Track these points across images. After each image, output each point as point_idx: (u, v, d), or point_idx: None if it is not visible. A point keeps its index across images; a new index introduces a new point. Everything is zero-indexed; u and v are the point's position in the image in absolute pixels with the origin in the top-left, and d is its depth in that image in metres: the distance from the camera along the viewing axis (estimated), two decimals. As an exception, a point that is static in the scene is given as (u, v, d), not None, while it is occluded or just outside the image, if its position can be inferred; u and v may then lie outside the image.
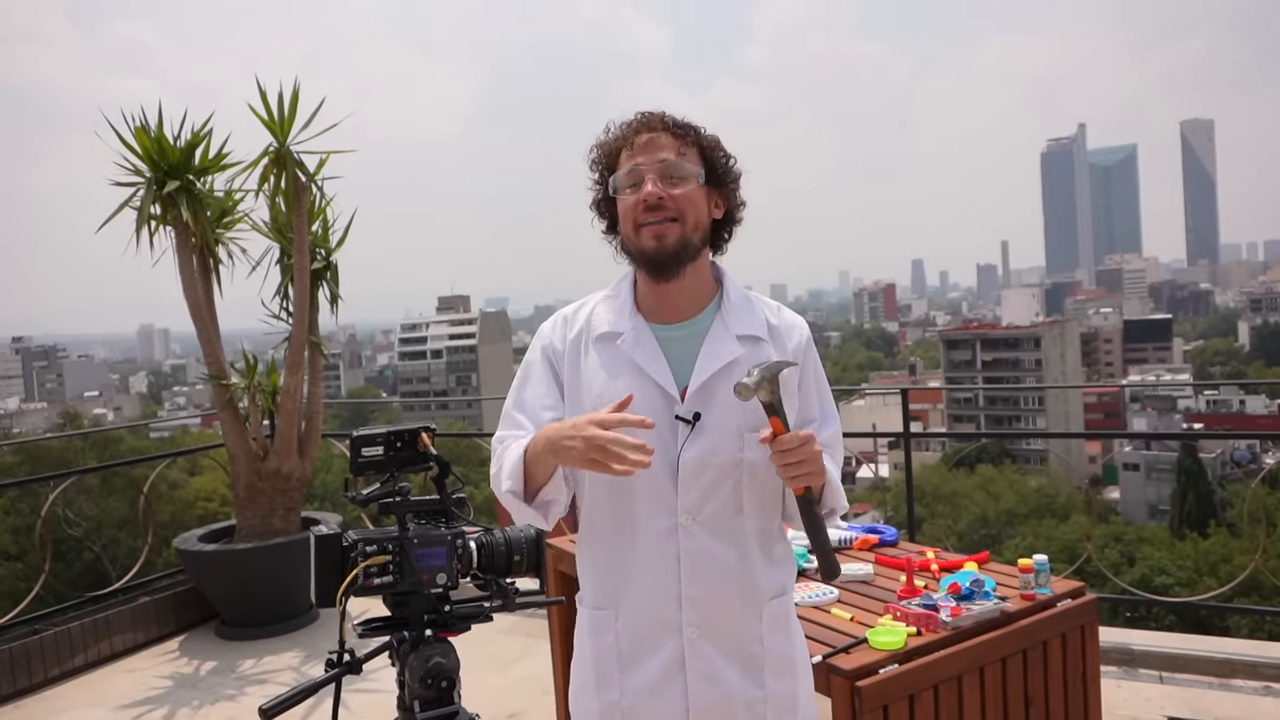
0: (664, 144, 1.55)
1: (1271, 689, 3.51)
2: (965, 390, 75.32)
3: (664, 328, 1.59)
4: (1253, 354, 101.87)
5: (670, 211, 1.52)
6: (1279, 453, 42.58)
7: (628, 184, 1.56)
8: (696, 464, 1.51)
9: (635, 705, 1.57)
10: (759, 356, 1.56)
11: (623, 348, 1.57)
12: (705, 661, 1.54)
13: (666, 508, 1.53)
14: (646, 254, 1.54)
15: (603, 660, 1.60)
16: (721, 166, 1.59)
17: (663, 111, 1.58)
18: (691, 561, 1.52)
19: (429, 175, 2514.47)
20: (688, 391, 1.54)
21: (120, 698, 4.19)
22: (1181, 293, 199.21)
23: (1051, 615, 2.30)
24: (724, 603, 1.54)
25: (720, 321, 1.59)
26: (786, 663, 1.59)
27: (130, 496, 24.41)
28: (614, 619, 1.58)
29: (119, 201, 4.80)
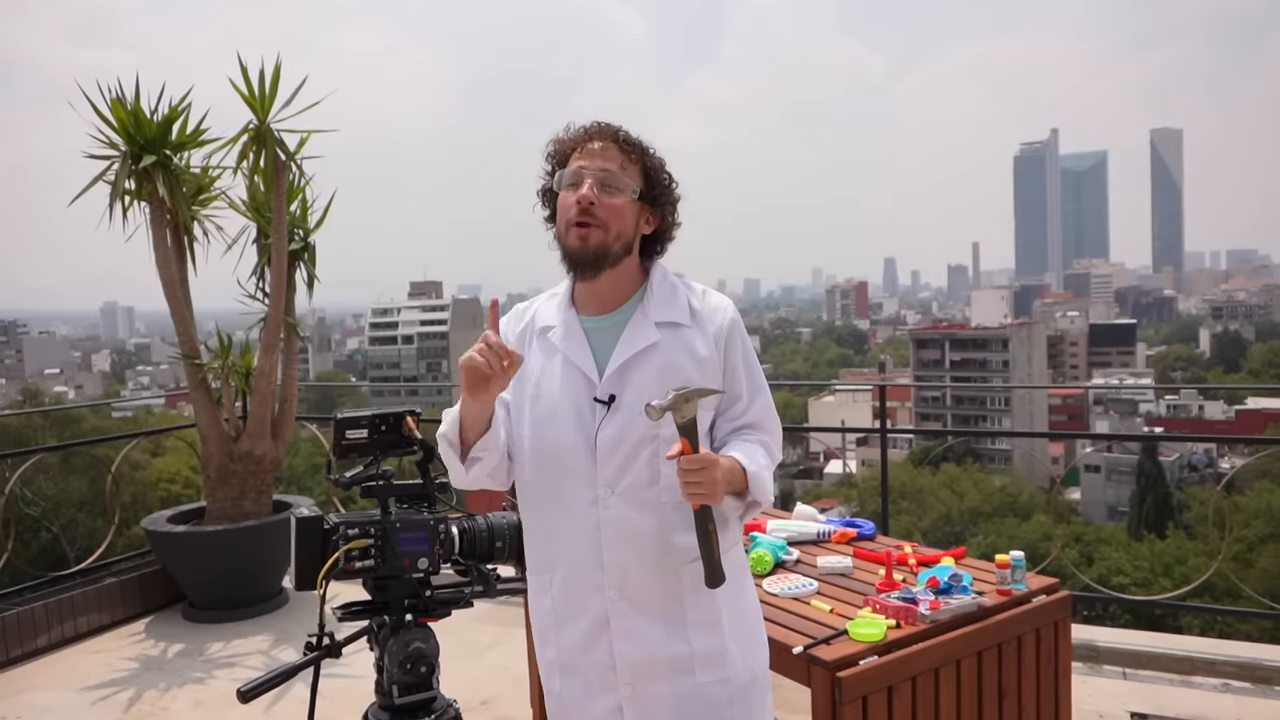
0: (611, 155, 1.68)
1: (1230, 686, 3.59)
2: (934, 388, 76.17)
3: (592, 319, 1.74)
4: (1213, 360, 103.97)
5: (597, 219, 1.64)
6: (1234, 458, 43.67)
7: (569, 183, 1.67)
8: (612, 441, 1.65)
9: (569, 661, 1.71)
10: (678, 340, 1.68)
11: (552, 339, 1.74)
12: (627, 621, 1.66)
13: (588, 481, 1.66)
14: (569, 251, 1.68)
15: (542, 620, 1.76)
16: (660, 188, 1.72)
17: (619, 126, 1.72)
18: (611, 529, 1.65)
19: (403, 159, 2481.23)
20: (605, 375, 1.67)
21: (85, 679, 4.13)
22: (1146, 299, 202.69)
23: (1027, 610, 2.34)
24: (642, 566, 1.66)
25: (641, 311, 1.71)
26: (712, 620, 1.68)
27: (91, 477, 24.00)
28: (549, 583, 1.73)
29: (87, 175, 4.72)
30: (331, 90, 4.83)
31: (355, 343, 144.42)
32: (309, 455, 30.45)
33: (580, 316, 1.75)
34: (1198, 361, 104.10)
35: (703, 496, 1.54)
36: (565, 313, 1.76)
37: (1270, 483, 28.98)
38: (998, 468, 49.32)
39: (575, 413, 1.68)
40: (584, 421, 1.67)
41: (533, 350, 1.77)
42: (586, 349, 1.71)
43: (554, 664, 1.75)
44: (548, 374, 1.72)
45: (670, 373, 1.65)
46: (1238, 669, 3.63)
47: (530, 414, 1.74)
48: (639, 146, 1.71)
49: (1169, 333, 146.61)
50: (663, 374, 1.65)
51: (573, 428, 1.68)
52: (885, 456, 4.69)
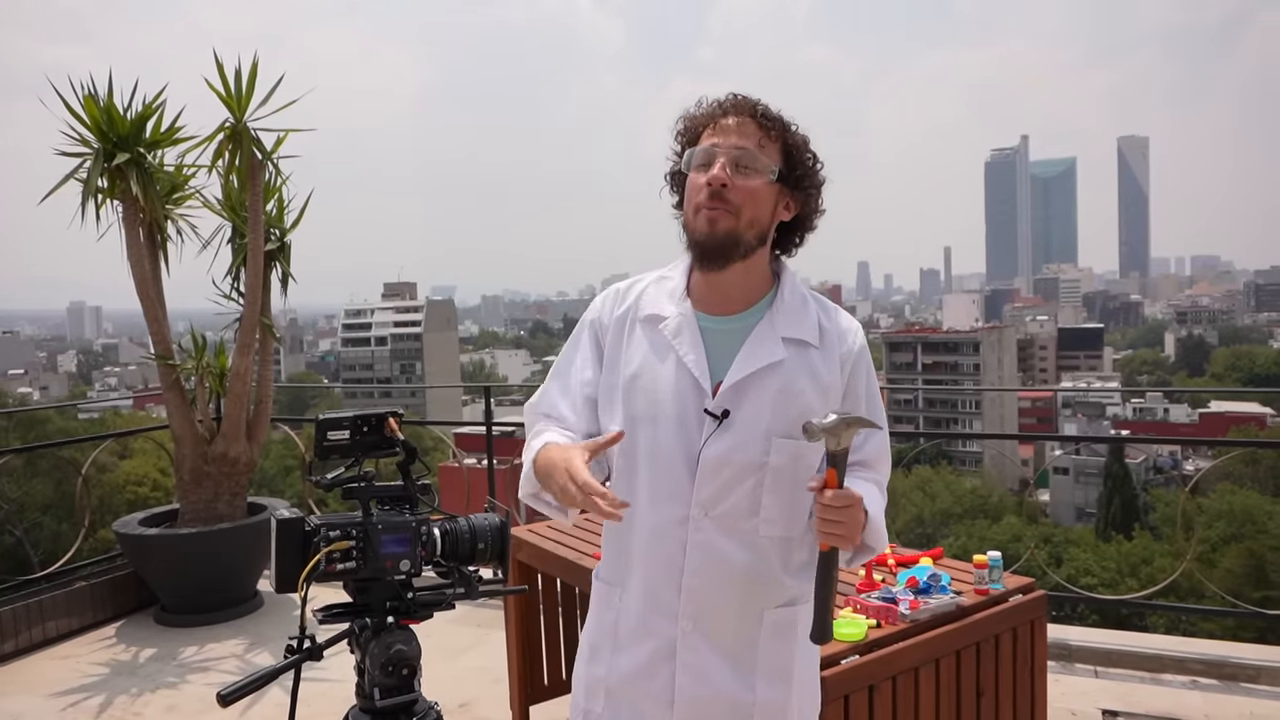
0: (747, 131, 1.50)
1: (1198, 683, 3.66)
2: (906, 391, 76.85)
3: (711, 318, 1.56)
4: (1177, 364, 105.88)
5: (730, 203, 1.48)
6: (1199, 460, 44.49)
7: (699, 162, 1.51)
8: (716, 461, 1.48)
9: (621, 686, 1.56)
10: (803, 361, 1.53)
11: (664, 333, 1.55)
12: (695, 655, 1.52)
13: (681, 498, 1.50)
14: (696, 238, 1.51)
15: (602, 634, 1.60)
16: (802, 168, 1.54)
17: (757, 99, 1.54)
18: (697, 554, 1.50)
19: (377, 159, 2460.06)
20: (721, 387, 1.50)
21: (54, 685, 4.06)
22: (1113, 303, 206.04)
23: (1004, 610, 2.38)
24: (723, 600, 1.51)
25: (768, 320, 1.54)
26: (782, 671, 1.55)
27: (56, 479, 23.59)
28: (619, 596, 1.59)
29: (55, 171, 4.64)
30: (309, 89, 4.80)
31: (328, 344, 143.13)
32: (279, 457, 30.17)
33: (696, 312, 1.56)
34: (1163, 365, 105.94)
35: (839, 539, 1.38)
36: (680, 304, 1.57)
37: (1232, 485, 29.59)
38: (969, 470, 49.87)
39: (679, 420, 1.50)
40: (688, 432, 1.50)
41: (634, 338, 1.58)
42: (701, 351, 1.53)
43: (601, 683, 1.59)
44: (652, 370, 1.54)
45: (790, 396, 1.50)
46: (1205, 667, 3.71)
47: (625, 408, 1.55)
48: (779, 122, 1.52)
49: (1135, 337, 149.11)
50: (782, 396, 1.50)
51: (674, 436, 1.50)
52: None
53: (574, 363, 1.65)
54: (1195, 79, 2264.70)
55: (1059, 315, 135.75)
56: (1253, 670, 3.64)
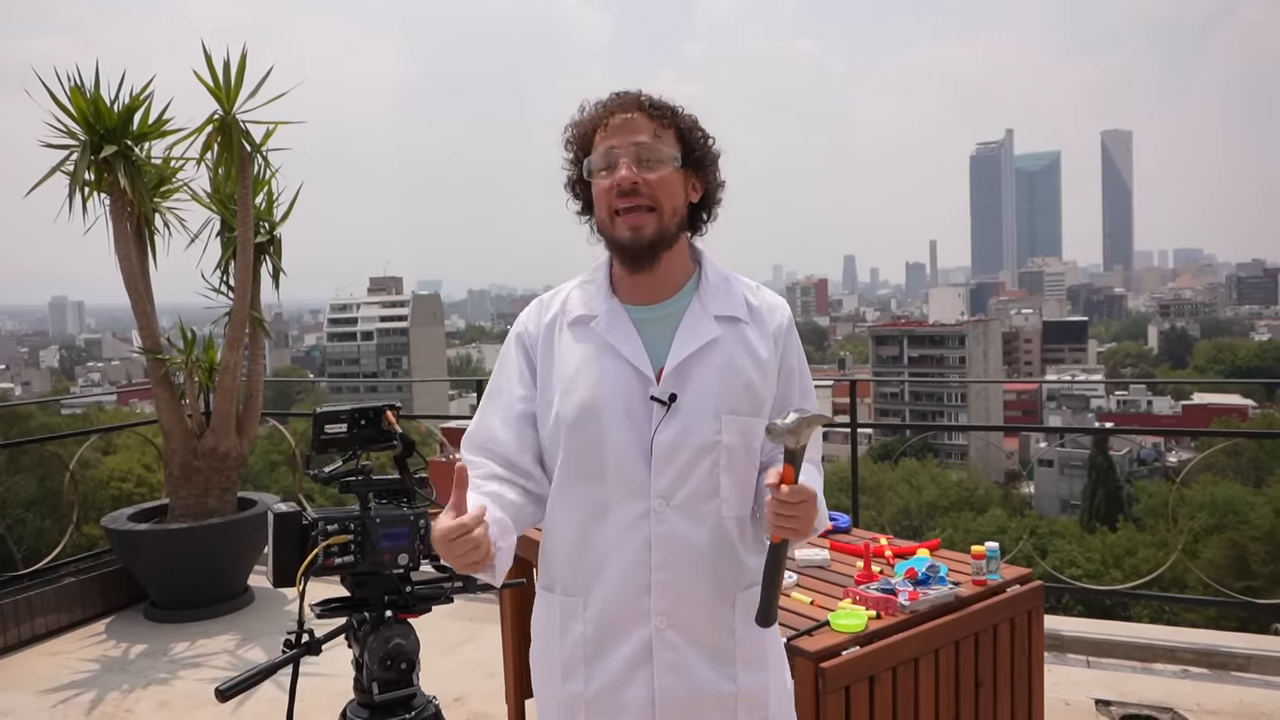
0: (640, 125, 1.48)
1: (1189, 672, 3.70)
2: (893, 384, 77.18)
3: (640, 309, 1.55)
4: (1160, 357, 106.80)
5: (645, 199, 1.47)
6: (1181, 451, 44.92)
7: (601, 166, 1.49)
8: (670, 446, 1.46)
9: (600, 697, 1.51)
10: (738, 337, 1.53)
11: (596, 329, 1.53)
12: (673, 652, 1.48)
13: (639, 491, 1.47)
14: (622, 245, 1.49)
15: (570, 651, 1.53)
16: (699, 148, 1.53)
17: (639, 91, 1.52)
18: (663, 546, 1.47)
19: (362, 153, 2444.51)
20: (664, 372, 1.49)
21: (43, 681, 4.03)
22: (1097, 296, 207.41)
23: (1002, 600, 2.39)
24: (695, 590, 1.49)
25: (698, 302, 1.54)
26: (758, 655, 1.54)
27: (40, 475, 23.37)
28: (583, 607, 1.51)
29: (36, 163, 4.59)
30: (298, 82, 4.77)
31: (313, 338, 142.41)
32: (265, 453, 29.96)
33: (625, 305, 1.55)
34: (1146, 358, 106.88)
35: (792, 533, 1.38)
36: (608, 300, 1.55)
37: (1214, 476, 29.87)
38: (954, 463, 50.16)
39: (626, 413, 1.48)
40: (637, 423, 1.48)
41: (563, 341, 1.56)
42: (638, 341, 1.51)
43: (580, 699, 1.52)
44: (588, 368, 1.51)
45: (731, 372, 1.50)
46: (1196, 656, 3.74)
47: (563, 413, 1.51)
48: (667, 108, 1.51)
49: (1119, 330, 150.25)
50: (724, 372, 1.50)
51: (624, 429, 1.47)
52: (855, 451, 4.76)
53: (506, 381, 1.61)
54: (1178, 73, 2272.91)
55: (1044, 308, 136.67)
56: (1243, 659, 3.68)
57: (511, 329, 1.66)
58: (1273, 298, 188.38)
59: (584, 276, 1.63)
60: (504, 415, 1.59)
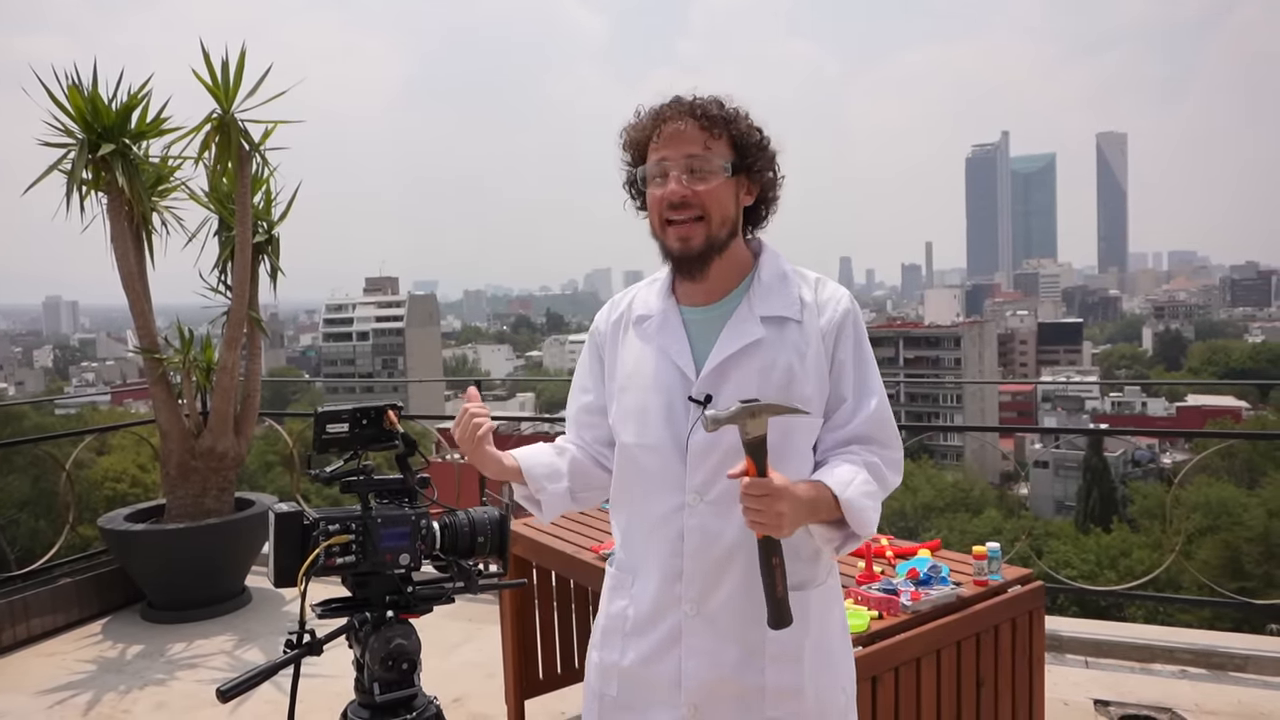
0: (691, 136, 1.51)
1: (1187, 673, 3.71)
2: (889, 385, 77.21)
3: (694, 310, 1.60)
4: (1155, 358, 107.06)
5: (695, 210, 1.51)
6: (1175, 453, 45.04)
7: (654, 176, 1.55)
8: (705, 445, 1.51)
9: (632, 670, 1.60)
10: (784, 338, 1.54)
11: (649, 329, 1.61)
12: (700, 639, 1.54)
13: (675, 485, 1.54)
14: (672, 255, 1.56)
15: (614, 621, 1.65)
16: (753, 152, 1.55)
17: (692, 99, 1.54)
18: (694, 539, 1.53)
19: (358, 153, 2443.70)
20: (701, 373, 1.53)
21: (39, 682, 4.01)
22: (1092, 298, 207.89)
23: (1003, 601, 2.39)
24: (724, 582, 1.53)
25: (747, 302, 1.57)
26: (793, 655, 1.53)
27: (33, 476, 23.28)
28: (630, 584, 1.63)
29: (30, 163, 4.59)
30: (297, 80, 4.75)
31: (309, 339, 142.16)
32: (260, 453, 29.89)
33: (681, 306, 1.61)
34: (1141, 359, 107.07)
35: (763, 527, 1.39)
36: (664, 300, 1.62)
37: (1208, 477, 29.95)
38: (950, 464, 50.23)
39: (666, 411, 1.55)
40: (675, 421, 1.54)
41: (628, 340, 1.65)
42: (684, 342, 1.57)
43: (615, 667, 1.63)
44: (641, 366, 1.60)
45: (772, 373, 1.51)
46: (1194, 656, 3.75)
47: (619, 408, 1.62)
48: (719, 119, 1.53)
49: (1113, 331, 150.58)
50: (765, 374, 1.51)
51: (662, 427, 1.55)
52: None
53: (580, 378, 1.76)
54: (1173, 76, 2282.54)
55: (1039, 310, 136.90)
56: (1240, 659, 3.69)
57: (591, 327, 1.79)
58: (1266, 300, 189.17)
59: (656, 274, 1.70)
60: (577, 406, 1.75)
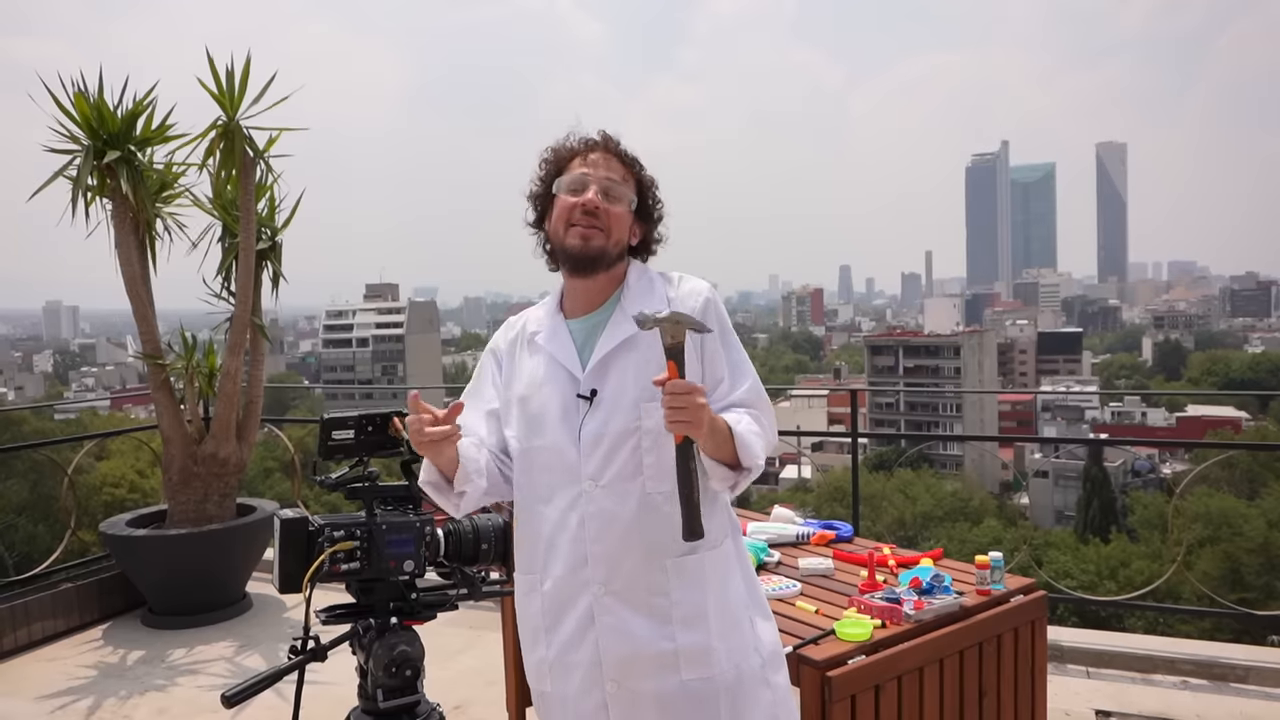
0: (613, 166, 1.76)
1: (1189, 683, 3.71)
2: (888, 394, 77.28)
3: (577, 320, 1.79)
4: (1155, 368, 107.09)
5: (600, 222, 1.71)
6: (1175, 463, 45.00)
7: (572, 187, 1.74)
8: (594, 435, 1.68)
9: (558, 659, 1.72)
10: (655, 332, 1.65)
11: (540, 340, 1.80)
12: (613, 615, 1.67)
13: (573, 476, 1.69)
14: (569, 250, 1.73)
15: (533, 621, 1.78)
16: (650, 204, 1.81)
17: (619, 140, 1.80)
18: (594, 522, 1.67)
19: (359, 160, 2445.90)
20: (585, 371, 1.72)
21: (40, 688, 4.01)
22: (1092, 308, 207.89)
23: (1006, 610, 2.40)
24: (627, 558, 1.67)
25: (619, 307, 1.75)
26: (698, 616, 1.67)
27: (32, 481, 23.25)
28: (539, 582, 1.74)
29: (32, 169, 4.61)
30: (299, 87, 4.76)
31: (309, 345, 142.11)
32: (259, 459, 29.86)
33: (567, 320, 1.81)
34: (1140, 369, 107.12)
35: (686, 425, 1.51)
36: (553, 316, 1.82)
37: (1208, 488, 29.91)
38: (949, 473, 50.16)
39: (561, 411, 1.72)
40: (569, 418, 1.72)
41: (523, 355, 1.83)
42: (571, 347, 1.76)
43: (545, 663, 1.75)
44: (534, 375, 1.78)
45: (651, 365, 1.65)
46: (1196, 667, 3.75)
47: (519, 416, 1.78)
48: (637, 162, 1.80)
49: (1113, 341, 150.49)
50: (641, 366, 1.68)
51: (559, 425, 1.72)
52: (856, 461, 4.76)
53: (482, 387, 1.89)
54: (1172, 86, 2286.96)
55: (1038, 319, 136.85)
56: (1242, 670, 3.68)
57: (487, 345, 1.97)
58: (1266, 310, 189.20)
59: (545, 300, 1.91)
60: (479, 412, 1.87)
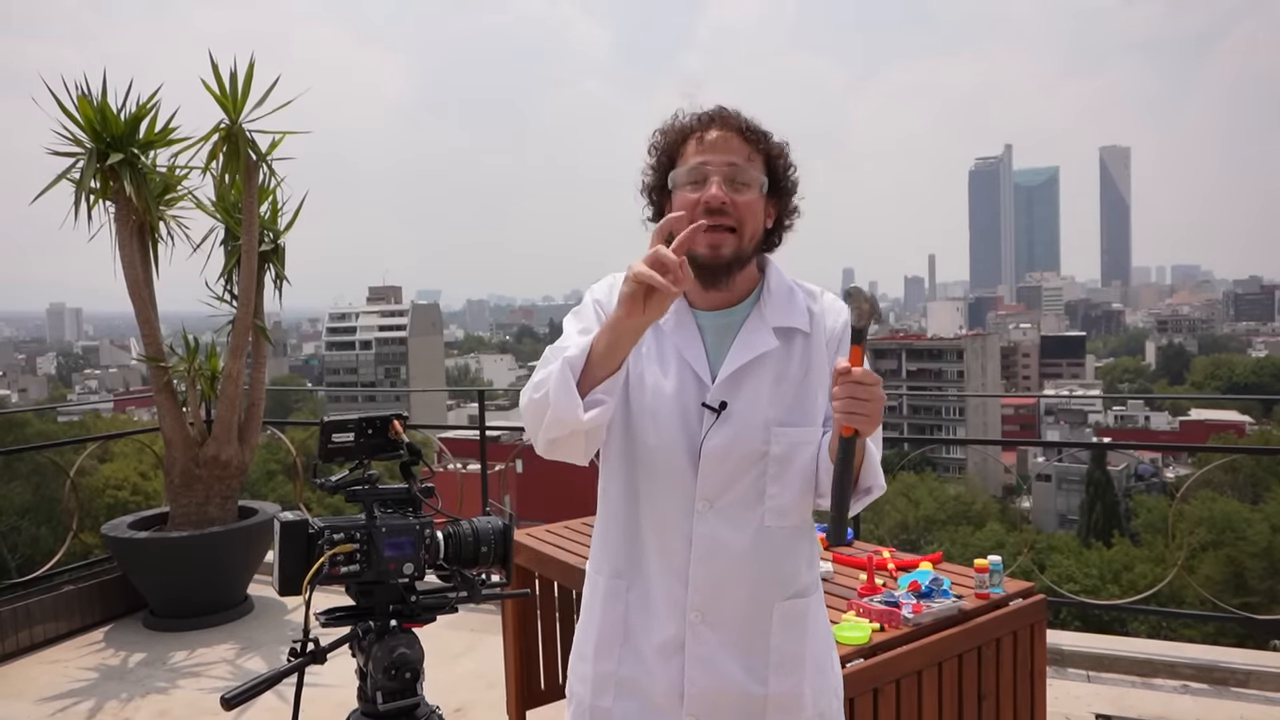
0: (734, 146, 1.49)
1: (1189, 687, 3.70)
2: (891, 397, 77.29)
3: (704, 314, 1.56)
4: (1158, 372, 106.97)
5: (730, 219, 1.47)
6: (1179, 467, 44.93)
7: (690, 180, 1.49)
8: (719, 452, 1.49)
9: (632, 676, 1.55)
10: (796, 349, 1.55)
11: (664, 329, 1.54)
12: (705, 648, 1.52)
13: (684, 490, 1.51)
14: (699, 261, 1.48)
15: (609, 628, 1.58)
16: (784, 178, 1.55)
17: (738, 110, 1.52)
18: (703, 546, 1.50)
19: (362, 163, 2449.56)
20: (717, 379, 1.51)
21: (42, 690, 4.02)
22: (1095, 312, 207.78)
23: (1005, 614, 2.40)
24: (730, 592, 1.51)
25: (758, 312, 1.55)
26: (794, 663, 1.55)
27: (35, 483, 23.31)
28: (626, 589, 1.57)
29: (35, 171, 4.63)
30: (304, 90, 4.79)
31: (311, 347, 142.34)
32: (262, 461, 29.92)
33: (692, 309, 1.56)
34: (1144, 373, 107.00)
35: (863, 420, 1.32)
36: (677, 300, 1.51)
37: (1212, 492, 29.86)
38: (952, 476, 50.13)
39: (681, 414, 1.51)
40: (689, 425, 1.51)
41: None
42: (700, 346, 1.53)
43: (610, 678, 1.57)
44: (653, 364, 1.53)
45: (786, 384, 1.51)
46: (1196, 671, 3.74)
47: (628, 400, 1.53)
48: (762, 134, 1.52)
49: (1116, 345, 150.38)
50: (777, 384, 1.52)
51: (676, 430, 1.51)
52: (856, 464, 4.75)
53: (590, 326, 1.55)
54: (1176, 90, 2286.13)
55: (1042, 323, 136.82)
56: (1242, 675, 3.68)
57: (588, 294, 1.64)
58: (1270, 314, 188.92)
59: None
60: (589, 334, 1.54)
